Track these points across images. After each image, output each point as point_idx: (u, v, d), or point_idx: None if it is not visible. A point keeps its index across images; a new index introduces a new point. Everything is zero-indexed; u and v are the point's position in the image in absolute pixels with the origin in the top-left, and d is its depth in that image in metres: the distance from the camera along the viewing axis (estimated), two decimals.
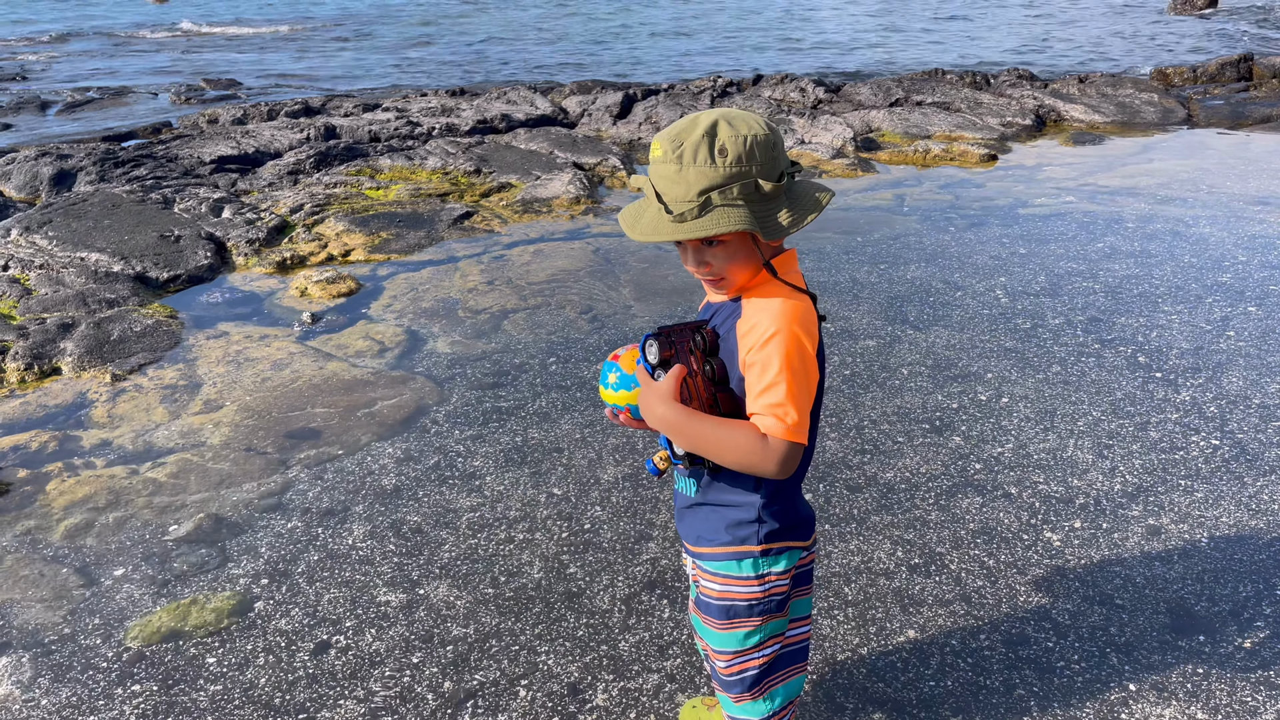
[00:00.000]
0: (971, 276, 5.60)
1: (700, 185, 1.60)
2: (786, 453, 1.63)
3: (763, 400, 1.64)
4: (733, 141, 1.59)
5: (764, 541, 1.83)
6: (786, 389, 1.62)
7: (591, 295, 5.48)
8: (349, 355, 4.77)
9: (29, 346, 4.66)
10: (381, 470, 3.76)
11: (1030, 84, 11.32)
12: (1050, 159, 8.53)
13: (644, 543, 3.26)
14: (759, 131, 1.61)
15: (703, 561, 1.92)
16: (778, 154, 1.63)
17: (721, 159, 1.59)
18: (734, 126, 1.61)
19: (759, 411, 1.65)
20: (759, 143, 1.60)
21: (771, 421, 1.63)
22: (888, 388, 4.30)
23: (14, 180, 7.82)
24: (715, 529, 1.86)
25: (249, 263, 6.09)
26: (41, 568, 3.22)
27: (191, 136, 9.65)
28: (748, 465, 1.67)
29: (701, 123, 1.62)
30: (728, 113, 1.65)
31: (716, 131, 1.60)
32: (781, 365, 1.63)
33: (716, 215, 1.60)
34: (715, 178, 1.59)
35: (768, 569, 1.86)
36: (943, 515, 3.35)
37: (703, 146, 1.60)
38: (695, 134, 1.61)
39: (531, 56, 19.69)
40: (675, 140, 1.62)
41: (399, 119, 9.73)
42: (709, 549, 1.89)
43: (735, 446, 1.65)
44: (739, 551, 1.85)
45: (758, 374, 1.65)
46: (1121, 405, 4.06)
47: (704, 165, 1.60)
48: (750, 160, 1.59)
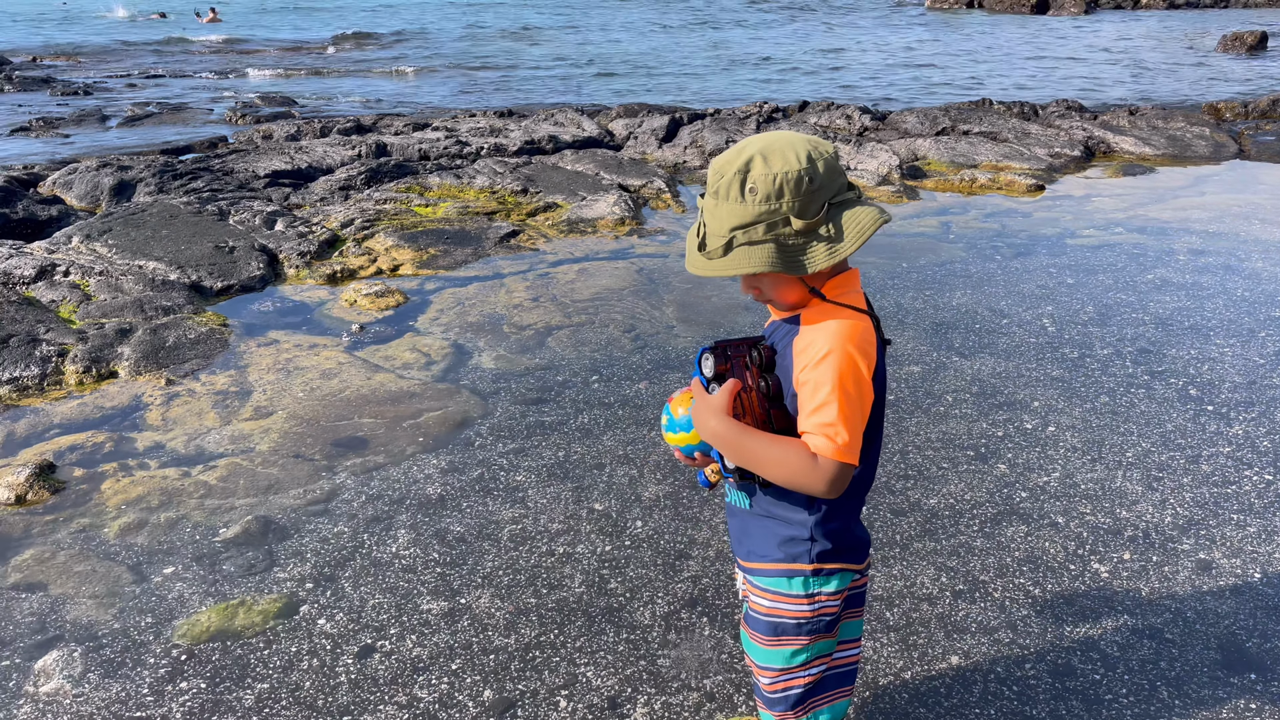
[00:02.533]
0: (1018, 305, 5.56)
1: (730, 223, 1.62)
2: (836, 473, 1.63)
3: (814, 419, 1.64)
4: (763, 180, 1.59)
5: (816, 561, 1.82)
6: (838, 409, 1.62)
7: (635, 314, 5.51)
8: (396, 366, 4.83)
9: (88, 350, 4.78)
10: (426, 480, 3.80)
11: (1079, 115, 11.25)
12: (1099, 190, 8.45)
13: (685, 560, 3.27)
14: (793, 168, 1.59)
15: (753, 577, 1.91)
16: (818, 187, 1.61)
17: (751, 197, 1.60)
18: (768, 163, 1.59)
19: (810, 430, 1.64)
20: (790, 180, 1.58)
21: (822, 441, 1.63)
22: (932, 414, 4.27)
23: (75, 189, 8.03)
24: (768, 545, 1.86)
25: (300, 274, 6.21)
26: (95, 564, 3.29)
27: (247, 151, 9.86)
28: (796, 484, 1.66)
29: (741, 156, 1.62)
30: (771, 144, 1.63)
31: (750, 168, 1.60)
32: (834, 385, 1.62)
33: (738, 255, 1.62)
34: (743, 216, 1.60)
35: (818, 589, 1.85)
36: (987, 543, 3.32)
37: (734, 183, 1.61)
38: (731, 170, 1.61)
39: (577, 79, 19.89)
40: (717, 173, 1.64)
41: (448, 138, 9.87)
42: (760, 564, 1.88)
43: (785, 464, 1.65)
44: (790, 569, 1.84)
45: (810, 392, 1.65)
46: (1172, 437, 4.01)
47: (734, 203, 1.61)
48: (779, 198, 1.59)
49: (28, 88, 18.40)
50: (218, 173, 8.48)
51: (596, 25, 36.46)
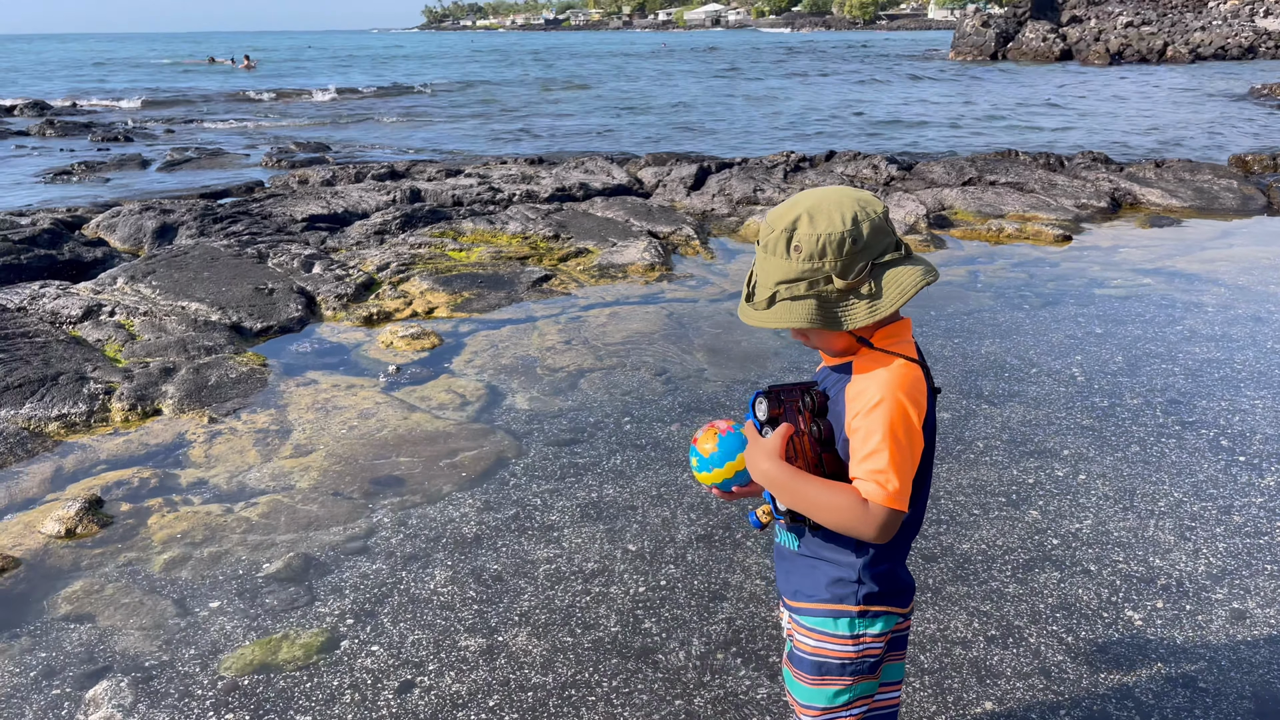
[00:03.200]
0: (1047, 354, 5.60)
1: (776, 277, 1.69)
2: (886, 519, 1.66)
3: (865, 466, 1.68)
4: (807, 240, 1.65)
5: (862, 603, 1.84)
6: (889, 456, 1.65)
7: (665, 358, 5.59)
8: (432, 407, 4.92)
9: (133, 388, 4.90)
10: (462, 519, 3.86)
11: (1105, 167, 11.32)
12: (1126, 241, 8.49)
13: (719, 602, 3.30)
14: (836, 230, 1.64)
15: (799, 616, 1.94)
16: (861, 249, 1.66)
17: (795, 255, 1.66)
18: (814, 224, 1.65)
19: (861, 477, 1.68)
20: (833, 242, 1.64)
21: (873, 487, 1.66)
22: (963, 460, 4.31)
23: (119, 232, 8.25)
24: (815, 585, 1.88)
25: (337, 316, 6.34)
26: (141, 597, 3.37)
27: (284, 196, 10.09)
28: (847, 528, 1.70)
29: (791, 214, 1.68)
30: (819, 204, 1.69)
31: (797, 226, 1.66)
32: (885, 433, 1.66)
33: (780, 309, 1.68)
34: (788, 272, 1.67)
35: (863, 630, 1.87)
36: (1020, 589, 3.34)
37: (781, 240, 1.67)
38: (780, 226, 1.68)
39: (607, 127, 20.20)
40: (768, 227, 1.71)
41: (481, 184, 10.07)
42: (806, 604, 1.91)
43: (836, 508, 1.69)
44: (836, 609, 1.86)
45: (861, 439, 1.69)
46: (1204, 488, 4.02)
47: (780, 258, 1.68)
48: (821, 258, 1.64)
49: (68, 133, 18.93)
50: (256, 216, 8.69)
51: (637, 75, 37.05)
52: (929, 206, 9.15)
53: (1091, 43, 44.18)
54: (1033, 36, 44.53)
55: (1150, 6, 53.26)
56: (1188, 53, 41.02)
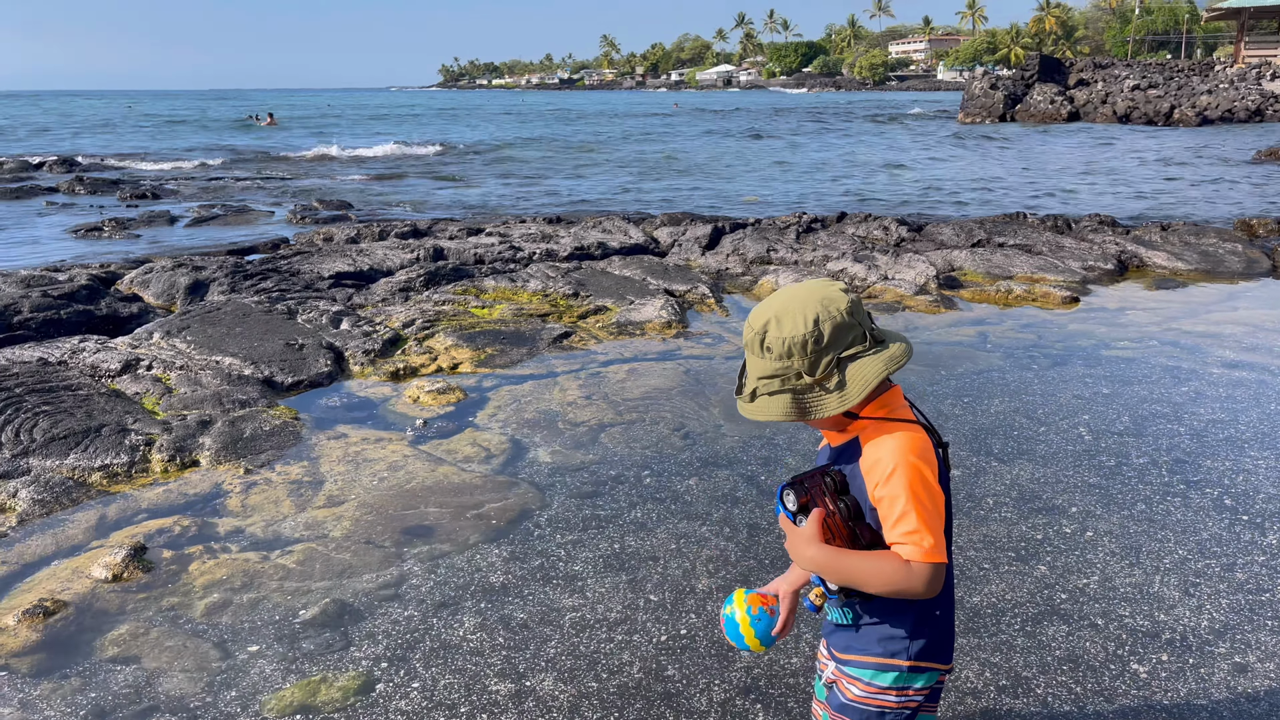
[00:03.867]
0: (1055, 413, 5.75)
1: (757, 373, 1.88)
2: (931, 574, 1.79)
3: (898, 530, 1.81)
4: (776, 341, 1.84)
5: (913, 658, 1.95)
6: (918, 516, 1.79)
7: (683, 413, 5.76)
8: (458, 460, 5.10)
9: (172, 440, 5.10)
10: (489, 568, 4.01)
11: (1112, 230, 11.55)
12: (1133, 303, 8.67)
13: (738, 651, 3.43)
14: (799, 333, 1.82)
15: (846, 667, 2.05)
16: (824, 347, 1.83)
17: (768, 355, 1.85)
18: (781, 326, 1.84)
19: (898, 540, 1.81)
20: (797, 344, 1.82)
21: (911, 548, 1.79)
22: (974, 516, 4.44)
23: (153, 288, 8.52)
24: (867, 642, 1.98)
25: (365, 371, 6.55)
26: (184, 640, 3.52)
27: (309, 253, 10.38)
28: (897, 590, 1.82)
29: (762, 317, 1.87)
30: (786, 307, 1.86)
31: (767, 330, 1.85)
32: (909, 496, 1.80)
33: (761, 404, 1.88)
34: (764, 370, 1.87)
35: (908, 684, 1.97)
36: (1029, 641, 3.46)
37: (756, 341, 1.87)
38: (754, 328, 1.88)
39: (623, 187, 20.60)
40: (748, 327, 1.91)
41: (502, 243, 10.35)
42: (858, 656, 2.01)
43: (883, 575, 1.81)
44: (886, 663, 1.97)
45: (888, 507, 1.83)
46: (1208, 545, 4.14)
47: (757, 357, 1.88)
48: (789, 358, 1.83)
49: (97, 189, 19.41)
50: (285, 273, 8.96)
51: (659, 136, 37.65)
52: (939, 268, 9.37)
53: (1099, 105, 44.85)
54: (1040, 99, 45.23)
55: (1156, 71, 54.06)
56: (1194, 115, 41.57)
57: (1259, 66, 50.06)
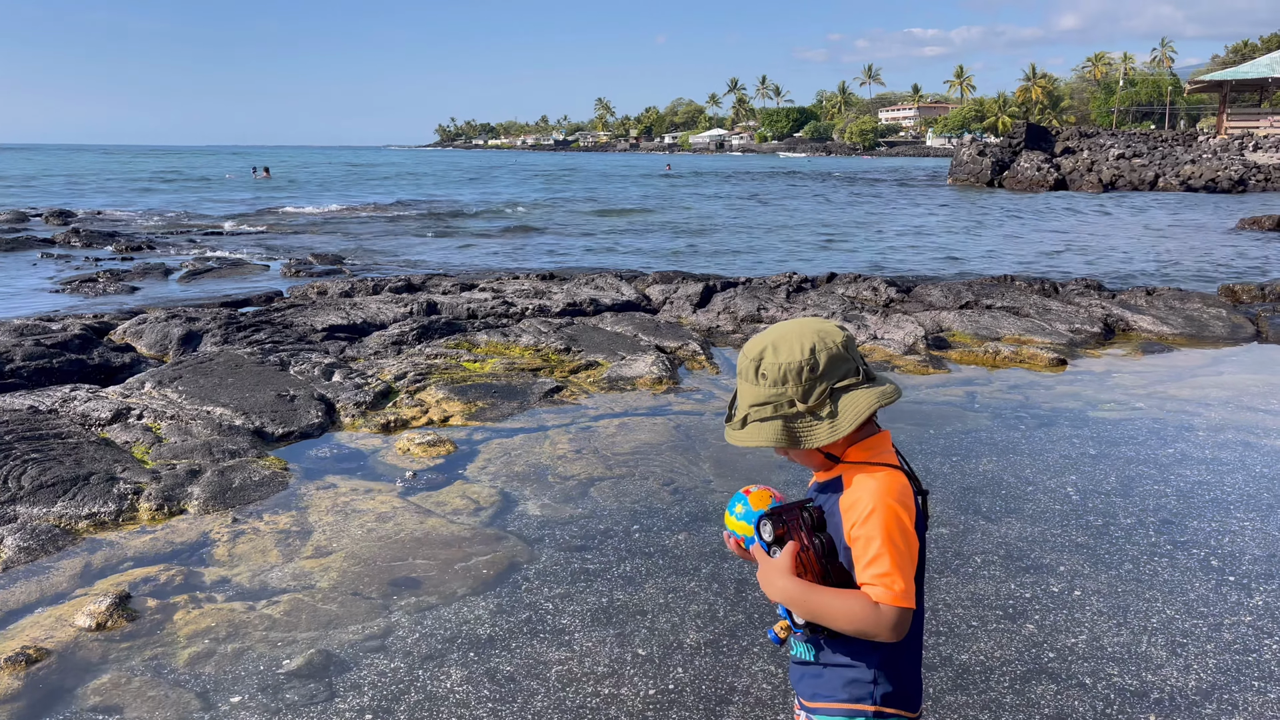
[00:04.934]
0: (1043, 473, 5.78)
1: (748, 400, 1.91)
2: (898, 617, 1.81)
3: (870, 571, 1.83)
4: (772, 368, 1.88)
5: (878, 703, 1.95)
6: (890, 560, 1.81)
7: (673, 468, 5.78)
8: (447, 512, 5.09)
9: (161, 489, 5.08)
10: (476, 620, 3.99)
11: (1098, 294, 11.69)
12: (1119, 366, 8.76)
13: (725, 705, 3.41)
14: (795, 360, 1.87)
15: (815, 716, 2.07)
16: (819, 376, 1.87)
17: (762, 381, 1.89)
18: (778, 353, 1.88)
19: (868, 581, 1.83)
20: (792, 370, 1.86)
21: (881, 590, 1.81)
22: (961, 574, 4.45)
23: (146, 338, 8.55)
24: (832, 687, 1.99)
25: (356, 423, 6.56)
26: (166, 690, 3.48)
27: (303, 306, 10.44)
28: (863, 631, 1.84)
29: (759, 344, 1.92)
30: (784, 335, 1.92)
31: (763, 356, 1.90)
32: (883, 539, 1.82)
33: (751, 430, 1.91)
34: (757, 397, 1.90)
35: None
36: (1018, 699, 3.45)
37: (751, 368, 1.91)
38: (751, 355, 1.92)
39: (618, 248, 20.81)
40: (743, 355, 1.95)
41: (495, 298, 10.42)
42: (825, 704, 2.03)
43: (850, 615, 1.83)
44: (853, 709, 1.97)
45: (863, 548, 1.85)
46: (1195, 605, 4.15)
47: (751, 384, 1.91)
48: (784, 384, 1.87)
49: (92, 242, 19.49)
50: (278, 325, 9.00)
51: (660, 196, 38.10)
52: (927, 329, 9.46)
53: (1084, 173, 45.61)
54: (1027, 166, 45.99)
55: (1141, 140, 55.11)
56: (1178, 184, 42.30)
57: (1241, 137, 51.10)
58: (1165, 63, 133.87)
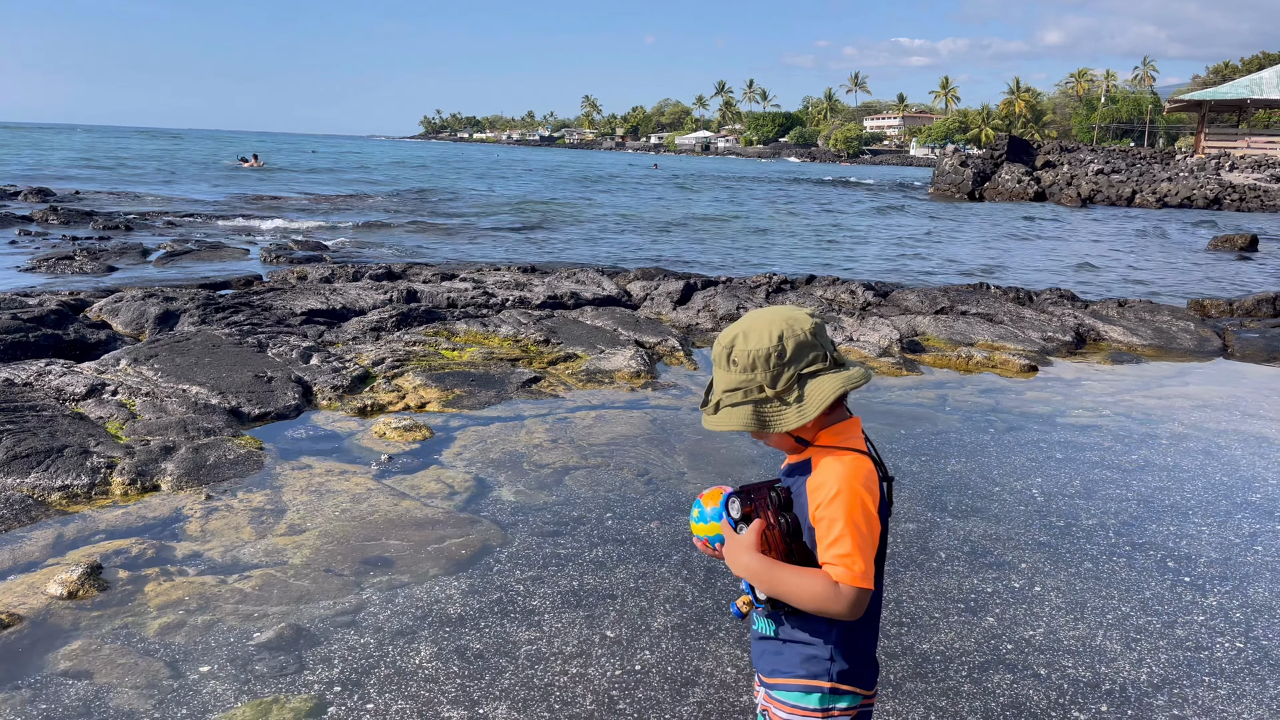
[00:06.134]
0: (1009, 475, 5.89)
1: (722, 386, 1.99)
2: (856, 597, 1.89)
3: (832, 551, 1.91)
4: (742, 355, 1.96)
5: (834, 679, 2.02)
6: (852, 542, 1.89)
7: (648, 460, 5.84)
8: (421, 495, 5.13)
9: (134, 464, 5.09)
10: (448, 600, 4.04)
11: (1071, 304, 11.86)
12: (1088, 375, 8.91)
13: (691, 687, 3.48)
14: (764, 347, 1.94)
15: (774, 691, 2.13)
16: (786, 362, 1.95)
17: (733, 368, 1.97)
18: (748, 341, 1.96)
19: (829, 561, 1.91)
20: (760, 356, 1.94)
21: (841, 570, 1.89)
22: (926, 568, 4.54)
23: (122, 316, 8.52)
24: (791, 663, 2.06)
25: (332, 406, 6.58)
26: (136, 658, 3.51)
27: (283, 290, 10.43)
28: (822, 608, 1.92)
29: (731, 332, 2.00)
30: (754, 324, 2.00)
31: (734, 344, 1.98)
32: (846, 521, 1.90)
33: (724, 414, 1.98)
34: (729, 383, 1.98)
35: (832, 704, 2.06)
36: (975, 688, 3.54)
37: (723, 355, 1.99)
38: (724, 342, 2.00)
39: (600, 241, 20.85)
40: (718, 342, 2.03)
41: (475, 289, 10.45)
42: (782, 679, 2.10)
43: (810, 591, 1.91)
44: (809, 684, 2.04)
45: (826, 528, 1.93)
46: (1150, 604, 4.26)
47: (724, 370, 1.99)
48: (753, 370, 1.95)
49: (71, 220, 19.33)
50: (257, 308, 8.99)
51: (647, 197, 38.08)
52: (902, 332, 9.58)
53: (1064, 186, 46.08)
54: (1008, 178, 46.41)
55: (1119, 157, 55.71)
56: (1155, 200, 42.82)
57: (1218, 157, 51.76)
58: (1147, 81, 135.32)
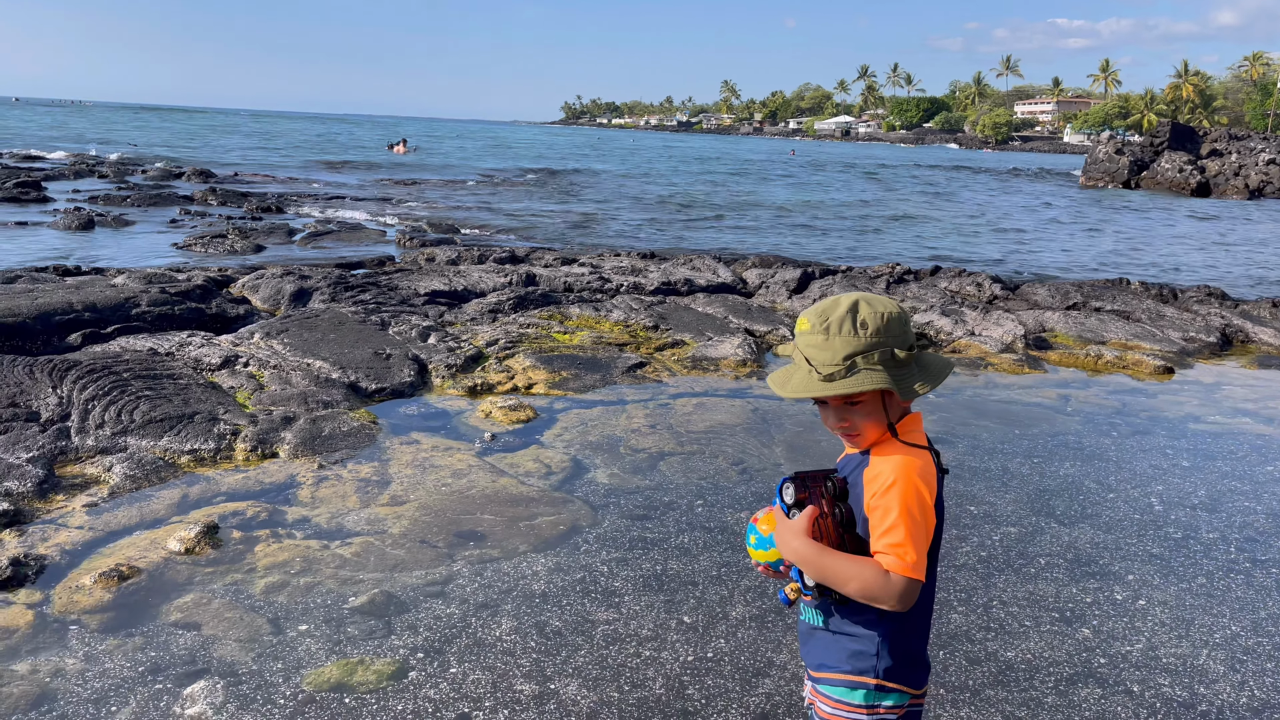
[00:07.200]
0: (1127, 481, 5.61)
1: (846, 351, 1.95)
2: (906, 587, 1.88)
3: (884, 540, 1.90)
4: (872, 317, 1.94)
5: (880, 676, 2.01)
6: (905, 531, 1.88)
7: (745, 449, 5.83)
8: (519, 474, 5.28)
9: (256, 432, 5.42)
10: (533, 576, 4.16)
11: (1219, 303, 11.15)
12: (1231, 379, 8.37)
13: (761, 678, 3.48)
14: (893, 310, 1.96)
15: (820, 685, 2.13)
16: (908, 329, 1.97)
17: (863, 330, 1.94)
18: (872, 306, 1.96)
19: (881, 550, 1.90)
20: (894, 318, 1.95)
21: (893, 559, 1.88)
22: (1023, 574, 4.39)
23: (261, 292, 9.03)
24: (838, 658, 2.06)
25: (444, 384, 6.82)
26: (241, 613, 3.75)
27: (410, 271, 10.83)
28: (871, 596, 1.91)
29: (844, 302, 1.98)
30: (861, 295, 2.01)
31: (858, 309, 1.95)
32: (901, 511, 1.89)
33: (861, 376, 1.94)
34: (859, 345, 1.94)
35: (878, 701, 2.05)
36: (1059, 700, 3.42)
37: (847, 320, 1.95)
38: (839, 310, 1.96)
39: (720, 230, 20.78)
40: (822, 316, 1.99)
41: (592, 274, 10.61)
42: (829, 674, 2.10)
43: (860, 579, 1.90)
44: (855, 680, 2.04)
45: (880, 517, 1.92)
46: (1264, 624, 4.00)
47: (849, 335, 1.94)
48: (887, 332, 1.94)
49: (228, 200, 20.54)
50: (384, 288, 9.38)
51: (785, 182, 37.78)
52: (1028, 328, 9.21)
53: (1230, 177, 43.17)
54: (1169, 167, 43.78)
55: None
56: None
57: None
58: None
